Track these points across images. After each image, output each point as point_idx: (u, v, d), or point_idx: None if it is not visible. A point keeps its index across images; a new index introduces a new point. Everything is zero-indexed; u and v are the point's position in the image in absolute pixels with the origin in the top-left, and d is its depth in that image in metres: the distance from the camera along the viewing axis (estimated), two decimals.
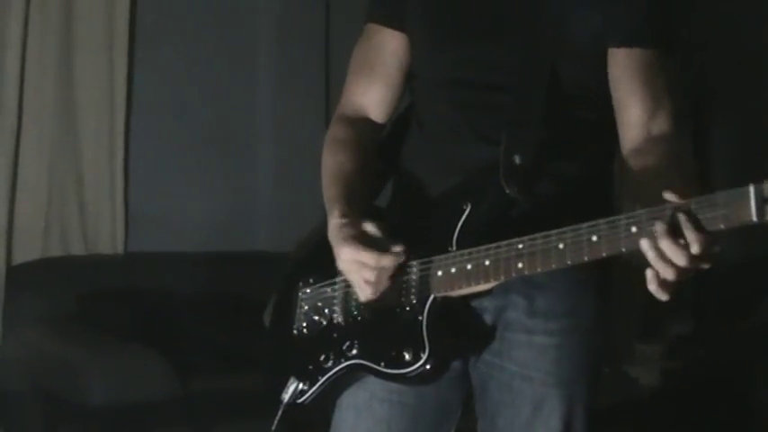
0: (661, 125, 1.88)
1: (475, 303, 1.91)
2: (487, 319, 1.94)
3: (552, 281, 1.75)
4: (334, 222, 1.90)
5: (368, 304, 1.90)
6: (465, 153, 1.93)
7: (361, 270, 1.84)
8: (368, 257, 1.82)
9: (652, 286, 1.60)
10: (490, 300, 1.91)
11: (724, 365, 4.64)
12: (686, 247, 1.55)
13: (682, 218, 1.55)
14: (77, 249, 4.55)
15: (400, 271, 1.86)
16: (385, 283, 1.86)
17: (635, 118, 1.89)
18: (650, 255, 1.57)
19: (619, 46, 1.90)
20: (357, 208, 1.92)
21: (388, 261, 1.83)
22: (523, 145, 1.85)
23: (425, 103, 2.03)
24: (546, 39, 1.89)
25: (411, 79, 2.06)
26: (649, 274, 1.59)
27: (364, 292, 1.88)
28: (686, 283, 1.61)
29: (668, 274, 1.58)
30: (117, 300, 4.26)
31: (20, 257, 4.38)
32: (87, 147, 4.55)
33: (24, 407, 3.99)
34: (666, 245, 1.55)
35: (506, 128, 1.86)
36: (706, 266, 1.59)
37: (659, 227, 1.56)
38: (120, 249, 4.64)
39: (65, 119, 4.50)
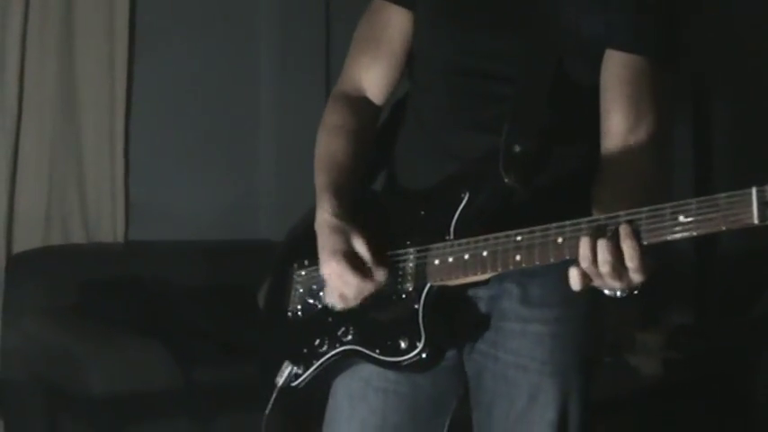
0: (640, 138, 1.87)
1: (470, 293, 1.91)
2: (482, 308, 1.94)
3: (547, 269, 1.75)
4: (325, 218, 1.91)
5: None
6: (463, 141, 1.93)
7: (342, 286, 1.87)
8: (353, 281, 1.84)
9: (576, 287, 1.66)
10: (484, 289, 1.90)
11: (725, 355, 4.64)
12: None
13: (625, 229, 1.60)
14: (78, 238, 4.54)
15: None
16: (358, 302, 1.89)
17: (615, 126, 1.89)
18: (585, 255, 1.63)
19: (613, 48, 1.89)
20: (346, 201, 1.93)
21: (370, 288, 1.85)
22: (524, 135, 1.84)
23: (423, 89, 2.02)
24: (551, 33, 1.88)
25: (411, 61, 2.05)
26: (578, 272, 1.65)
27: (336, 302, 1.91)
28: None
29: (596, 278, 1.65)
30: (118, 289, 4.26)
31: (20, 246, 4.38)
32: (88, 135, 4.55)
33: (25, 396, 3.99)
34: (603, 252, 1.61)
35: (508, 118, 1.86)
36: (637, 279, 1.64)
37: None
38: (120, 238, 4.64)
39: (66, 107, 4.49)
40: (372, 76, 2.06)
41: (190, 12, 4.87)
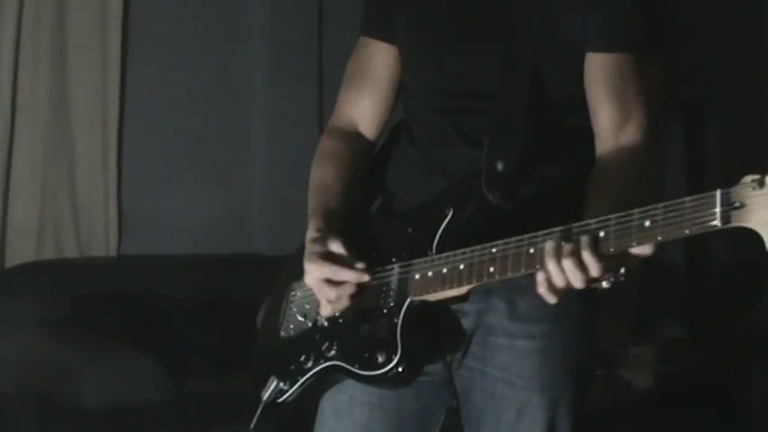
0: (630, 136, 1.89)
1: (455, 307, 1.91)
2: (468, 322, 1.94)
3: (534, 284, 1.75)
4: (308, 236, 1.93)
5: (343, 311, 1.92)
6: (450, 156, 1.94)
7: (323, 288, 1.88)
8: (328, 271, 1.86)
9: (541, 289, 1.68)
10: (471, 303, 1.90)
11: (718, 368, 4.65)
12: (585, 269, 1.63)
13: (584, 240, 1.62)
14: (71, 252, 4.55)
15: (361, 290, 1.90)
16: (345, 302, 1.90)
17: (603, 128, 1.90)
18: (552, 263, 1.65)
19: (593, 50, 1.90)
20: (334, 222, 1.95)
21: (347, 276, 1.86)
22: (506, 150, 1.85)
23: (415, 112, 2.05)
24: (528, 44, 1.90)
25: (403, 89, 2.08)
26: (540, 277, 1.67)
27: (325, 309, 1.93)
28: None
29: (560, 283, 1.66)
30: (110, 302, 4.26)
31: (13, 260, 4.38)
32: (80, 149, 4.56)
33: (17, 410, 3.98)
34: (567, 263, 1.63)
35: (488, 133, 1.87)
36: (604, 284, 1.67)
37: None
38: (113, 252, 4.65)
39: (58, 121, 4.50)
40: (361, 111, 2.09)
41: (183, 20, 4.88)
